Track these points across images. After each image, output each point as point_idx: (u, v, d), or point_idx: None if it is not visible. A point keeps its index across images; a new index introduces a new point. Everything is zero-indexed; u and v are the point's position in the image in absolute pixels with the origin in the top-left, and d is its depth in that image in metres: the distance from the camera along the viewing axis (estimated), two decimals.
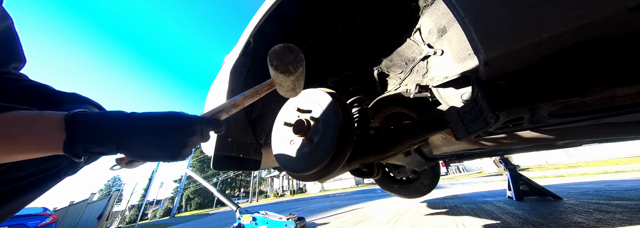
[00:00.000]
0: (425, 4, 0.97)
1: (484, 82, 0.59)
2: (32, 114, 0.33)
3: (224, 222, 5.58)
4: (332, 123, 0.87)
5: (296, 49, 0.54)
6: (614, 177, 4.14)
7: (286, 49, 0.53)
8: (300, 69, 0.53)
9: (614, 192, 2.41)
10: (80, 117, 0.34)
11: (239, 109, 0.55)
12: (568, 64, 0.50)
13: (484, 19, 0.48)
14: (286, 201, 12.73)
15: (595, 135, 0.93)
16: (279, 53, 0.52)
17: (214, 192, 4.02)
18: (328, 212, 3.72)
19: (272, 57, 0.52)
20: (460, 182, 7.88)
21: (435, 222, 1.87)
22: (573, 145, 1.62)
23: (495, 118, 0.55)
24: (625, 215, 1.45)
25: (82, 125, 0.34)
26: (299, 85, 0.62)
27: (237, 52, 1.21)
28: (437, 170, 2.70)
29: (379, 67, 1.37)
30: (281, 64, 0.52)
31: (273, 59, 0.52)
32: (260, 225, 2.68)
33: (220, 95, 1.22)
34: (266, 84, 0.57)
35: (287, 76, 0.53)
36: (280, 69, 0.52)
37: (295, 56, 0.53)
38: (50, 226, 6.41)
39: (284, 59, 0.52)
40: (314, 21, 1.17)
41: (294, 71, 0.53)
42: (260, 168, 1.45)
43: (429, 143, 1.42)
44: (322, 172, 0.90)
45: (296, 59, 0.53)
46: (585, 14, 0.39)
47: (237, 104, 0.54)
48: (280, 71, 0.52)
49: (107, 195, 14.71)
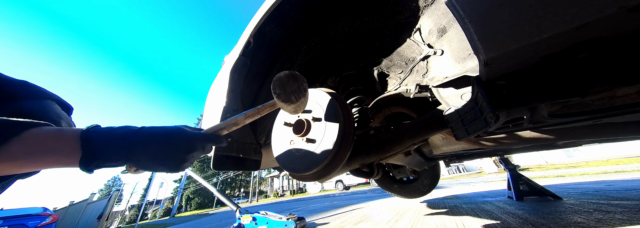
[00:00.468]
0: (425, 4, 0.97)
1: (484, 82, 0.59)
2: (51, 132, 0.35)
3: (224, 222, 5.58)
4: (332, 123, 0.87)
5: (301, 77, 0.54)
6: (614, 177, 4.14)
7: (290, 78, 0.53)
8: (302, 98, 0.53)
9: (614, 192, 2.41)
10: (95, 135, 0.37)
11: (239, 127, 0.55)
12: (568, 63, 0.50)
13: (484, 19, 0.48)
14: (286, 201, 12.73)
15: (595, 135, 0.93)
16: (283, 81, 0.52)
17: (214, 192, 4.02)
18: (328, 212, 3.72)
19: (275, 84, 0.52)
20: (460, 182, 7.88)
21: (435, 222, 1.87)
22: (573, 145, 1.62)
23: (495, 118, 0.56)
24: (625, 215, 1.45)
25: (97, 144, 0.36)
26: (301, 109, 0.62)
27: (237, 52, 1.21)
28: (437, 170, 2.70)
29: (379, 67, 1.37)
30: (284, 93, 0.52)
31: (276, 87, 0.52)
32: (260, 225, 2.68)
33: (220, 95, 1.22)
34: (268, 105, 0.57)
35: (288, 105, 0.53)
36: (282, 98, 0.52)
37: (298, 85, 0.53)
38: (50, 226, 6.42)
39: (288, 88, 0.52)
40: (314, 21, 1.17)
41: (296, 101, 0.53)
42: (260, 168, 1.45)
43: (429, 143, 1.42)
44: (322, 172, 0.90)
45: (299, 88, 0.53)
46: (585, 14, 0.39)
47: (238, 122, 0.54)
48: (282, 100, 0.52)
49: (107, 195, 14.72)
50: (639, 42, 0.43)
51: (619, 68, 0.48)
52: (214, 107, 1.23)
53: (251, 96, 1.38)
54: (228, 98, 1.16)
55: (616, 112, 0.63)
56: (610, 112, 0.63)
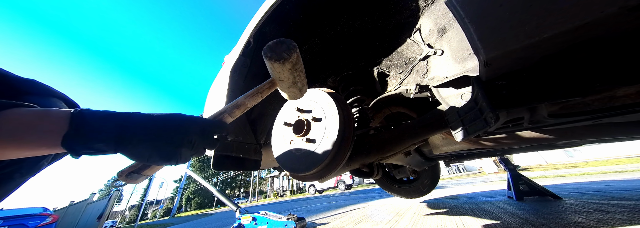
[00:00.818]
0: (425, 4, 0.97)
1: (484, 82, 0.59)
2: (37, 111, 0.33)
3: (224, 222, 5.58)
4: (332, 123, 0.88)
5: (288, 40, 0.54)
6: (614, 177, 4.14)
7: (278, 42, 0.53)
8: (294, 54, 0.52)
9: (614, 192, 2.41)
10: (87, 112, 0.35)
11: (242, 110, 0.54)
12: (568, 63, 0.50)
13: (484, 18, 0.48)
14: (286, 201, 12.73)
15: (595, 135, 0.93)
16: (272, 46, 0.53)
17: (214, 192, 4.02)
18: (328, 212, 3.72)
19: (266, 50, 0.52)
20: (460, 182, 7.88)
21: (435, 222, 1.87)
22: (573, 145, 1.62)
23: (495, 118, 0.56)
24: (625, 215, 1.45)
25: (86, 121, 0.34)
26: (300, 80, 0.61)
27: (237, 52, 1.21)
28: (437, 170, 2.70)
29: (379, 67, 1.37)
30: (275, 53, 0.52)
31: (267, 51, 0.52)
32: (260, 225, 2.68)
33: (220, 95, 1.22)
34: (267, 82, 0.57)
35: (283, 64, 0.52)
36: (275, 58, 0.51)
37: (287, 45, 0.53)
38: (50, 226, 6.42)
39: (277, 49, 0.52)
40: (314, 21, 1.17)
41: (288, 56, 0.52)
42: (260, 168, 1.45)
43: (429, 143, 1.42)
44: (323, 171, 0.90)
45: (289, 46, 0.53)
46: (585, 14, 0.39)
47: (239, 104, 0.53)
48: (274, 59, 0.51)
49: (107, 195, 14.71)
50: (639, 42, 0.43)
51: (619, 68, 0.48)
52: (214, 107, 1.23)
53: None
54: (228, 98, 1.16)
55: (616, 112, 0.63)
56: (610, 112, 0.63)
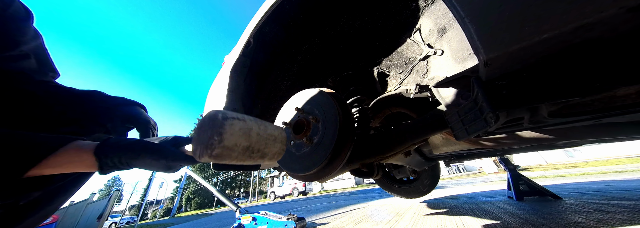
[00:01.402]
0: (425, 3, 0.97)
1: (484, 82, 0.59)
2: (74, 147, 0.47)
3: (224, 222, 5.58)
4: (332, 123, 0.87)
5: (219, 122, 0.37)
6: (614, 177, 4.14)
7: (208, 120, 0.39)
8: (227, 131, 0.37)
9: (614, 192, 2.41)
10: (104, 150, 0.48)
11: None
12: (568, 64, 0.50)
13: (484, 18, 0.48)
14: (286, 201, 12.72)
15: (595, 135, 0.93)
16: (198, 125, 0.40)
17: (214, 192, 4.02)
18: (328, 212, 3.72)
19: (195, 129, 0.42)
20: (460, 182, 7.88)
21: (435, 222, 1.87)
22: (573, 145, 1.62)
23: (495, 118, 0.55)
24: (625, 215, 1.45)
25: (106, 157, 0.48)
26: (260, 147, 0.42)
27: (237, 52, 1.21)
28: (437, 170, 2.70)
29: (379, 67, 1.37)
30: (197, 141, 0.39)
31: (194, 131, 0.42)
32: (260, 225, 2.68)
33: (220, 95, 1.22)
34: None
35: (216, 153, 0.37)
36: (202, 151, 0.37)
37: (214, 133, 0.37)
38: (50, 226, 6.42)
39: (202, 135, 0.38)
40: (314, 21, 1.17)
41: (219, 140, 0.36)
42: (260, 168, 1.45)
43: (429, 143, 1.42)
44: (322, 172, 0.90)
45: (215, 139, 0.37)
46: (585, 14, 0.39)
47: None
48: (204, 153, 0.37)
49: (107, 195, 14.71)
50: (639, 42, 0.43)
51: (619, 68, 0.48)
52: (214, 107, 1.23)
53: (251, 96, 1.38)
54: (228, 98, 1.16)
55: (616, 112, 0.63)
56: (610, 112, 0.63)
